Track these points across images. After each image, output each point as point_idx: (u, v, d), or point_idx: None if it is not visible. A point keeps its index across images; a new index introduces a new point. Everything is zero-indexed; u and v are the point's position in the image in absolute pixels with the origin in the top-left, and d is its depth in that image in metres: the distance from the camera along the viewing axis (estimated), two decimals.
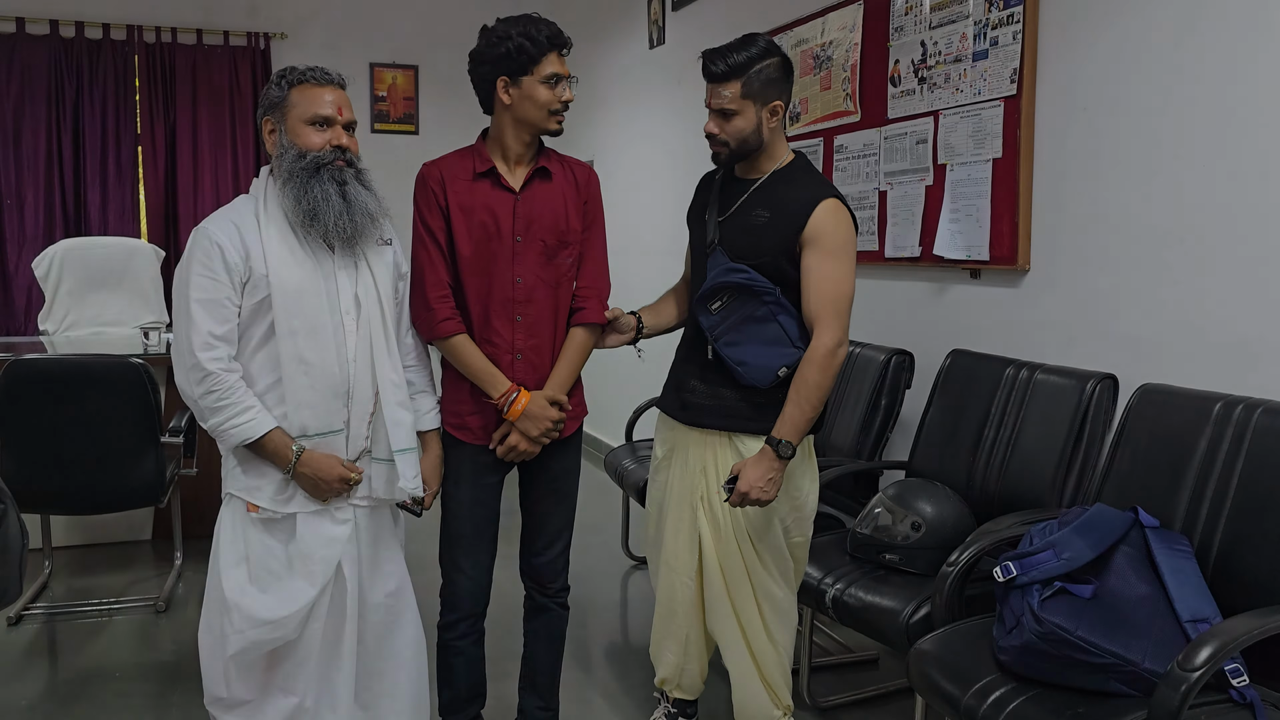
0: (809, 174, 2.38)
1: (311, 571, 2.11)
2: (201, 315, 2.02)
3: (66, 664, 3.24)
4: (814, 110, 3.84)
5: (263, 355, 2.08)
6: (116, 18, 6.31)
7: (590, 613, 3.69)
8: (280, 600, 2.09)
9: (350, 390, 2.13)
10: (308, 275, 2.08)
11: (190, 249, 2.07)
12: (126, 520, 4.41)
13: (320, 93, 2.11)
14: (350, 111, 2.16)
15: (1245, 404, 2.14)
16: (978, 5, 3.02)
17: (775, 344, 2.28)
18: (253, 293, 2.05)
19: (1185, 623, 1.90)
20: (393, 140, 6.91)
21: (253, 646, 2.09)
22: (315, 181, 2.07)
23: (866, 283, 3.65)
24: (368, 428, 2.16)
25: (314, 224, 2.07)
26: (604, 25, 5.96)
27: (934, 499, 2.63)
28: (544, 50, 2.23)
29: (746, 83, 2.25)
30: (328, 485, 2.10)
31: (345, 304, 2.13)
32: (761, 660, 2.42)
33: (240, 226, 2.07)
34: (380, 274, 2.18)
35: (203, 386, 2.02)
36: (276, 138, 2.12)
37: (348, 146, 2.13)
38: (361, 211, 2.11)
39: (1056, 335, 2.83)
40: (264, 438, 2.06)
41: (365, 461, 2.18)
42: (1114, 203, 2.64)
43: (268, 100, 2.14)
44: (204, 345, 2.02)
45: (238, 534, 2.13)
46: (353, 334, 2.13)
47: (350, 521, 2.17)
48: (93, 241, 5.26)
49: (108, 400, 3.27)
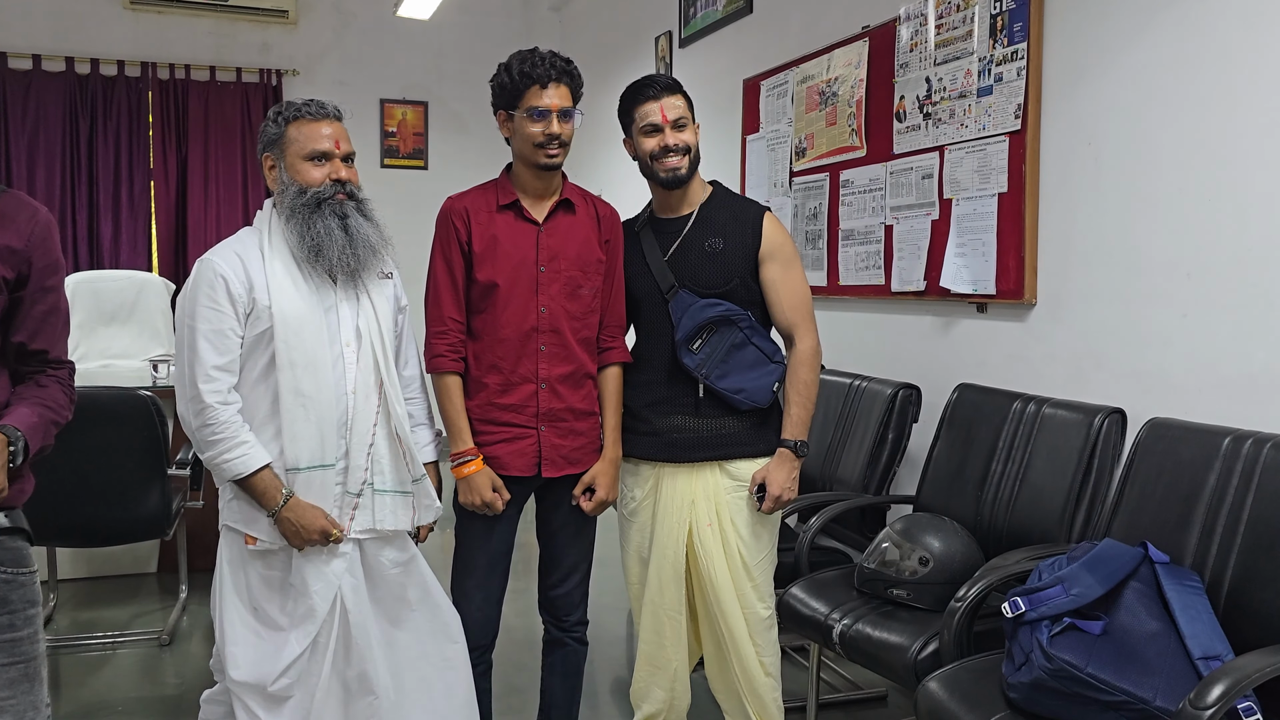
0: (735, 195, 2.51)
1: (310, 608, 2.11)
2: (205, 347, 2.05)
3: (69, 697, 3.22)
4: (820, 145, 3.87)
5: (263, 387, 2.10)
6: (131, 55, 6.40)
7: (595, 647, 3.65)
8: (272, 656, 2.10)
9: (349, 422, 2.13)
10: (310, 308, 2.11)
11: (194, 280, 2.09)
12: (132, 553, 4.40)
13: (317, 127, 2.13)
14: (348, 143, 2.18)
15: (1255, 439, 2.12)
16: (982, 42, 3.04)
17: (757, 365, 2.37)
18: (255, 324, 2.07)
19: (1197, 660, 1.88)
20: (402, 175, 6.97)
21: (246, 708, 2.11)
22: (317, 217, 2.10)
23: (873, 316, 3.66)
24: (367, 459, 2.16)
25: (319, 259, 2.11)
26: (613, 61, 6.02)
27: (942, 534, 2.61)
28: (526, 84, 2.26)
29: (686, 97, 2.40)
30: (308, 535, 2.09)
31: (346, 336, 2.14)
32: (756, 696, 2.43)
33: (244, 258, 2.10)
34: (381, 306, 2.20)
35: (200, 419, 2.05)
36: (277, 173, 2.16)
37: (347, 179, 2.15)
38: (364, 244, 2.14)
39: (1064, 369, 2.83)
40: (255, 475, 2.06)
41: (367, 493, 2.17)
42: (1120, 236, 2.65)
43: (266, 137, 2.17)
44: (205, 377, 2.04)
45: (237, 566, 2.15)
46: (353, 366, 2.14)
47: (350, 554, 2.16)
48: (104, 275, 5.30)
49: (115, 432, 3.28)
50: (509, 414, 2.33)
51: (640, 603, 2.51)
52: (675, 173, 2.37)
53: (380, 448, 2.17)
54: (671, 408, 2.42)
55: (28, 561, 1.67)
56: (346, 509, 2.15)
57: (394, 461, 2.19)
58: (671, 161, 2.36)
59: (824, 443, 3.36)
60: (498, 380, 2.33)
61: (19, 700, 1.59)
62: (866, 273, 3.63)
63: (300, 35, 6.80)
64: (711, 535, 2.39)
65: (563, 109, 2.28)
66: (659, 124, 2.36)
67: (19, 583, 1.62)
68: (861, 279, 3.66)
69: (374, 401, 2.16)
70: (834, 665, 3.38)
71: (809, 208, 3.96)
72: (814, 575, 2.80)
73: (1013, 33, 2.93)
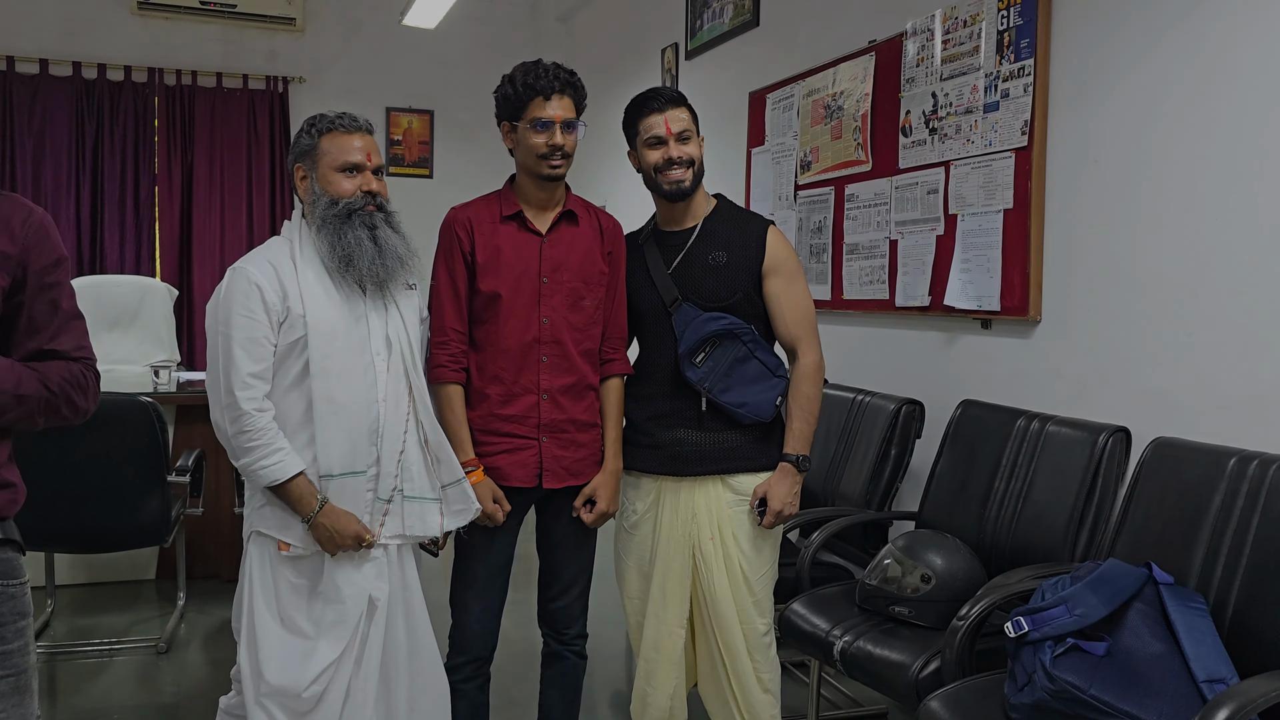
0: (738, 209, 2.51)
1: (341, 614, 2.11)
2: (240, 354, 2.08)
3: (65, 704, 3.20)
4: (825, 159, 3.86)
5: (296, 394, 2.12)
6: (138, 60, 6.42)
7: (594, 661, 3.63)
8: (300, 663, 2.09)
9: (381, 430, 2.15)
10: (342, 317, 2.14)
11: (229, 289, 2.11)
12: (131, 559, 4.39)
13: (350, 140, 2.18)
14: (378, 156, 2.23)
15: (1260, 459, 2.11)
16: (989, 57, 3.04)
17: (760, 379, 2.37)
18: (289, 332, 2.11)
19: (1201, 683, 1.86)
20: (408, 184, 6.97)
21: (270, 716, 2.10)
22: (348, 227, 2.14)
23: (877, 331, 3.65)
24: (397, 466, 2.18)
25: (349, 269, 2.14)
26: (620, 73, 6.03)
27: (944, 551, 2.60)
28: (530, 95, 2.27)
29: (690, 110, 2.40)
30: (342, 540, 2.11)
31: (376, 345, 2.17)
32: (752, 713, 2.42)
33: (277, 266, 2.14)
34: (409, 315, 2.24)
35: (236, 425, 2.07)
36: (308, 184, 2.20)
37: (377, 191, 2.19)
38: (392, 255, 2.18)
39: (1068, 387, 2.82)
40: (290, 482, 2.08)
41: (397, 500, 2.20)
42: (1126, 254, 2.64)
43: (299, 148, 2.21)
44: (242, 384, 2.07)
45: (266, 573, 2.15)
46: (383, 374, 2.17)
47: (380, 560, 2.18)
48: (107, 280, 5.30)
49: (116, 438, 3.27)
50: (510, 425, 2.33)
51: (639, 617, 2.50)
52: (679, 185, 2.37)
53: (410, 454, 2.20)
54: (674, 421, 2.41)
55: (18, 572, 1.64)
56: (377, 515, 2.18)
57: (423, 468, 2.22)
58: (675, 174, 2.36)
59: (826, 458, 3.35)
60: (499, 391, 2.33)
61: (9, 714, 1.57)
62: (871, 287, 3.62)
63: (307, 43, 6.82)
64: (713, 549, 2.38)
65: (566, 120, 2.29)
66: (663, 137, 2.36)
67: (9, 594, 1.59)
68: (866, 293, 3.65)
69: (404, 409, 2.19)
70: (834, 682, 3.36)
71: (814, 221, 3.95)
72: (815, 591, 2.78)
73: (1020, 49, 2.92)
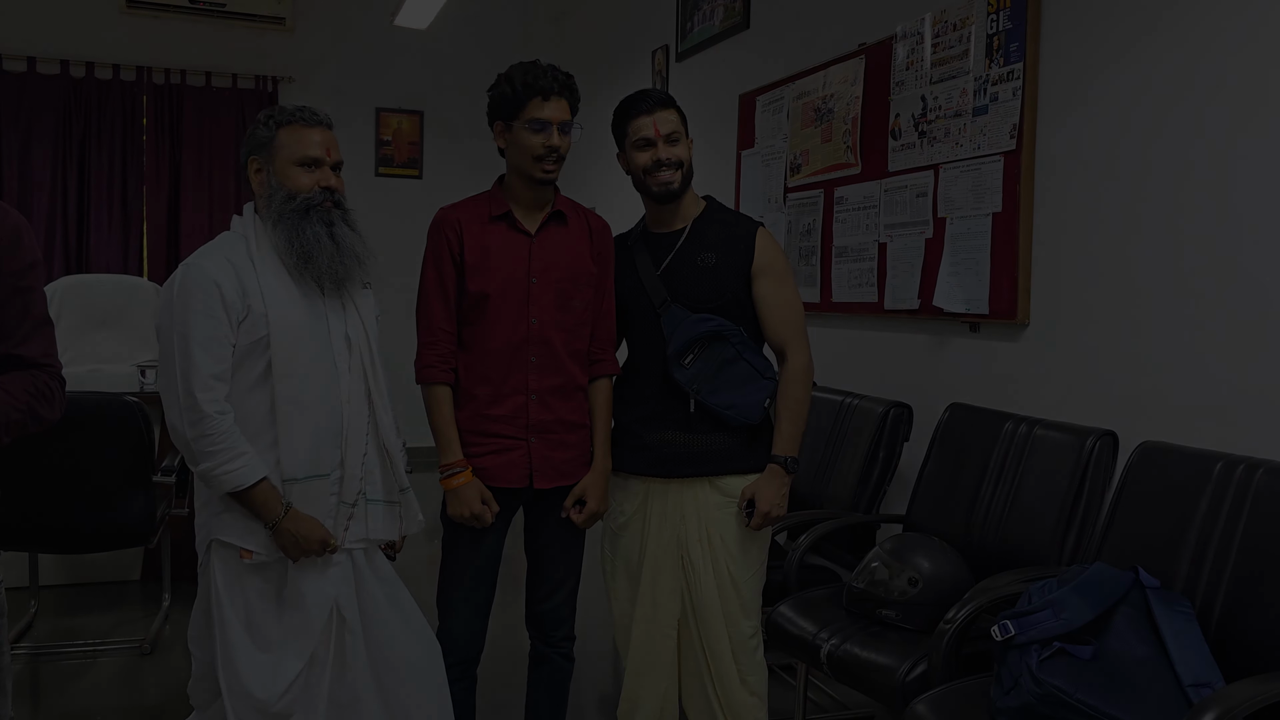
0: (728, 210, 2.50)
1: (305, 621, 2.06)
2: (201, 355, 1.98)
3: (48, 705, 3.18)
4: (815, 162, 3.87)
5: (257, 396, 2.04)
6: (126, 59, 6.39)
7: (581, 663, 3.62)
8: (271, 673, 2.04)
9: (345, 432, 2.10)
10: (304, 316, 2.08)
11: (184, 286, 2.01)
12: (115, 560, 4.36)
13: (309, 133, 2.11)
14: (337, 152, 2.16)
15: (1247, 463, 2.12)
16: (978, 61, 3.05)
17: (748, 381, 2.36)
18: (249, 331, 2.02)
19: (1187, 687, 1.87)
20: (397, 184, 6.95)
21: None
22: (305, 223, 2.07)
23: (865, 334, 3.66)
24: (361, 468, 2.13)
25: (308, 266, 2.07)
26: (610, 75, 6.03)
27: (931, 554, 2.60)
28: (528, 95, 2.26)
29: (679, 112, 2.40)
30: (307, 545, 2.04)
31: (337, 345, 2.12)
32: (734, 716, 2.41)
33: (235, 264, 2.05)
34: (367, 315, 2.19)
35: (197, 429, 1.98)
36: (264, 177, 2.12)
37: (335, 187, 2.13)
38: (350, 253, 2.11)
39: (1056, 390, 2.82)
40: (254, 487, 2.00)
41: (360, 503, 2.14)
42: (1114, 259, 2.65)
43: (255, 140, 2.14)
44: (203, 386, 1.98)
45: (233, 584, 2.06)
46: (345, 374, 2.11)
47: (345, 564, 2.13)
48: (94, 279, 5.27)
49: (101, 437, 3.25)
50: (499, 425, 2.32)
51: (626, 619, 2.49)
52: (668, 187, 2.37)
53: (372, 457, 2.15)
54: (662, 423, 2.40)
55: None
56: (341, 519, 2.10)
57: (383, 471, 2.17)
58: (664, 176, 2.36)
59: (814, 460, 3.35)
60: (487, 391, 2.32)
61: None
62: (859, 290, 3.62)
63: (297, 42, 6.80)
64: (700, 551, 2.37)
65: (562, 122, 2.28)
66: (652, 138, 2.35)
67: None
68: (854, 296, 3.65)
69: (365, 411, 2.14)
70: (821, 685, 3.36)
71: (803, 224, 3.95)
72: (802, 594, 2.78)
73: (1009, 53, 2.93)
